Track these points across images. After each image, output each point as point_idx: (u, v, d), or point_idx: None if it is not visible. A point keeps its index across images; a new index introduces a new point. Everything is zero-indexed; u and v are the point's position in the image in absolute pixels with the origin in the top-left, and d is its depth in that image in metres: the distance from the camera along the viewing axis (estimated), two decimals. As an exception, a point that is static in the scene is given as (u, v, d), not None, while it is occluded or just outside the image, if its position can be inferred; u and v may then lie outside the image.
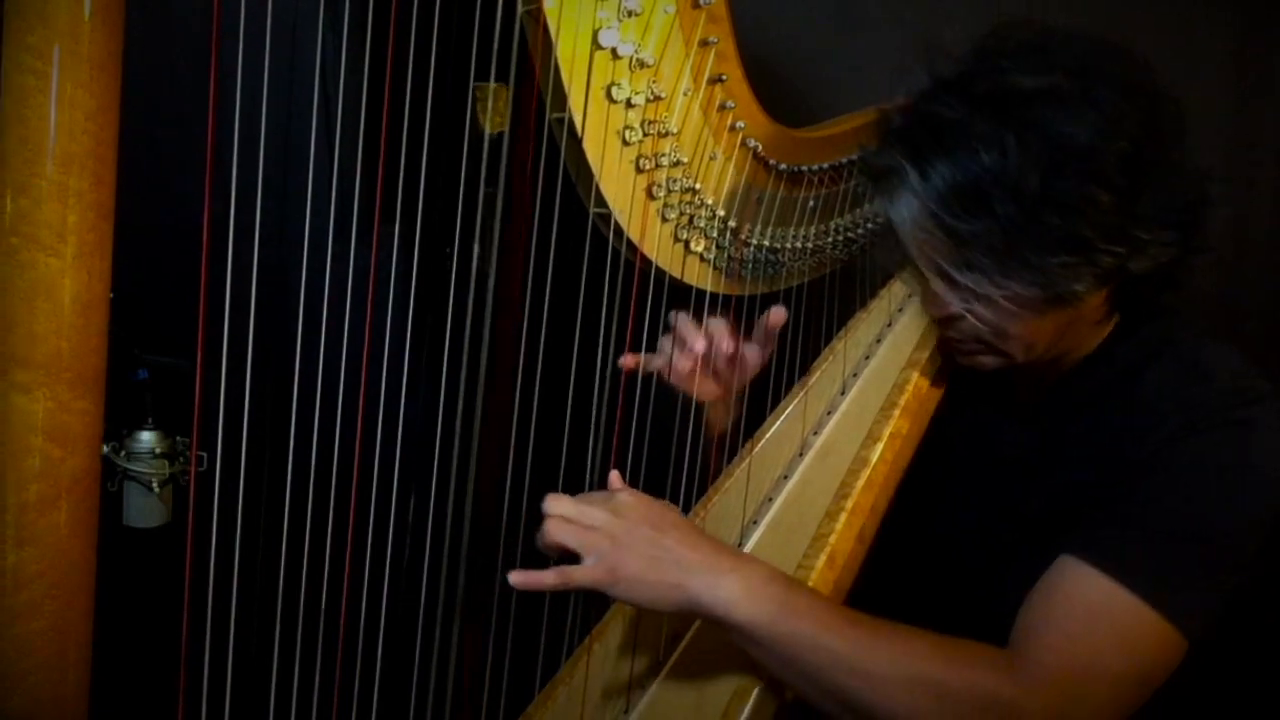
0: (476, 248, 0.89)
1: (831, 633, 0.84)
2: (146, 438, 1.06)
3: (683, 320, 1.18)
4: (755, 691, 0.90)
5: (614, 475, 0.94)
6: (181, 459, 1.06)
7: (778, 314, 1.18)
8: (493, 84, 0.87)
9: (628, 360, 1.11)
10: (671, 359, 1.17)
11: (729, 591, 0.84)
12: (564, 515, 0.87)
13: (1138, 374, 0.99)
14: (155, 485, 1.05)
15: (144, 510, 1.06)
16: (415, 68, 0.82)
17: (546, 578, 0.86)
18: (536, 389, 0.94)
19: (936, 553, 1.14)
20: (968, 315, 0.98)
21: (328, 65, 1.02)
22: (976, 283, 0.92)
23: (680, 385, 1.20)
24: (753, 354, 1.22)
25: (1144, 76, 0.91)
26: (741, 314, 1.18)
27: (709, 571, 0.85)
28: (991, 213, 0.87)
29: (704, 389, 1.23)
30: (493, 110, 0.87)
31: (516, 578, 0.86)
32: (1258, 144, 1.72)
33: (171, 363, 1.07)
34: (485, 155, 0.88)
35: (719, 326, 1.18)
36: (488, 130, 0.88)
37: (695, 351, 1.18)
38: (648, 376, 1.15)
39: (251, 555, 0.80)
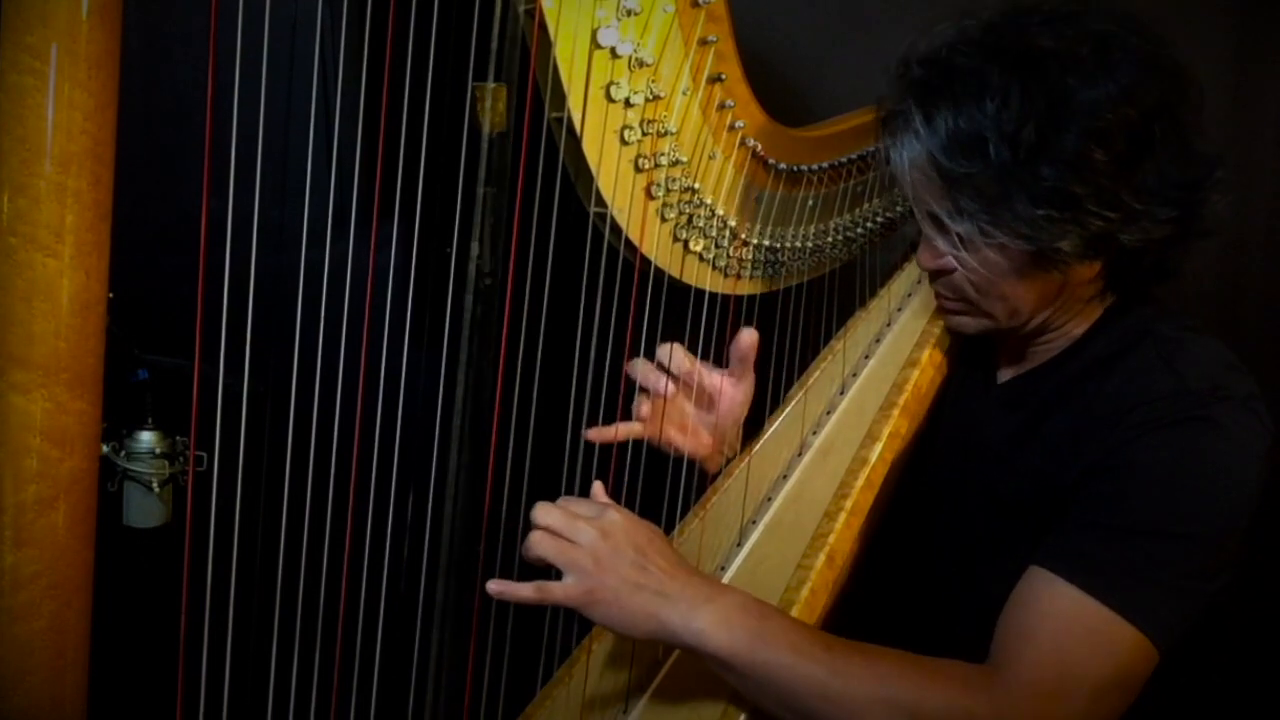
0: (475, 247, 0.89)
1: (806, 659, 0.84)
2: (146, 438, 1.05)
3: (638, 367, 1.12)
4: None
5: (597, 486, 0.94)
6: (181, 459, 1.05)
7: (747, 336, 1.14)
8: (492, 84, 0.87)
9: (590, 434, 1.04)
10: (644, 415, 1.11)
11: (703, 622, 0.84)
12: (551, 527, 0.86)
13: (1112, 364, 0.98)
14: (155, 485, 1.05)
15: (144, 510, 1.05)
16: (414, 67, 0.82)
17: (524, 590, 0.85)
18: (536, 388, 0.94)
19: (921, 539, 1.14)
20: (956, 267, 0.98)
21: (327, 64, 1.02)
22: (966, 230, 0.93)
23: (667, 446, 1.14)
24: (731, 387, 1.18)
25: (1170, 58, 0.91)
26: (740, 315, 1.18)
27: (686, 602, 0.85)
28: (985, 157, 0.88)
29: (694, 443, 1.17)
30: (492, 110, 0.87)
31: (495, 586, 0.85)
32: (1258, 144, 1.72)
33: (171, 363, 1.07)
34: (485, 155, 0.87)
35: (675, 357, 1.12)
36: (487, 130, 0.88)
37: (660, 394, 1.12)
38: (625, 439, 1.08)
39: (250, 555, 0.80)
